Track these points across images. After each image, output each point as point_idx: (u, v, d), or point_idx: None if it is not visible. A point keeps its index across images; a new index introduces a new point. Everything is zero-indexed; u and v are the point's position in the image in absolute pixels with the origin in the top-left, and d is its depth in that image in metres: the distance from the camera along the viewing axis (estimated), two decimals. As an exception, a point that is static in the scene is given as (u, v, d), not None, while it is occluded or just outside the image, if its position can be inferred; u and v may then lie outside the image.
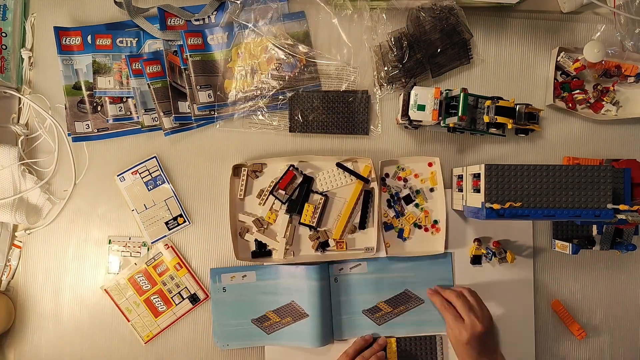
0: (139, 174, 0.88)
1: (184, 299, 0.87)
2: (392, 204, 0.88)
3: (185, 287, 0.87)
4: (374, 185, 0.87)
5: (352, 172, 0.86)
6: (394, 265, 0.88)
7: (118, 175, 0.88)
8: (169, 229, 0.88)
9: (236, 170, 0.87)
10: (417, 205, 0.88)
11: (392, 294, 0.87)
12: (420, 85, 0.82)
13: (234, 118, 0.88)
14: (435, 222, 0.88)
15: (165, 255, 0.87)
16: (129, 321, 0.87)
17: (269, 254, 0.88)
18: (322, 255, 0.87)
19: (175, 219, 0.88)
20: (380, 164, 0.87)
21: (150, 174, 0.88)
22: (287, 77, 0.87)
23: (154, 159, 0.88)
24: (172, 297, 0.87)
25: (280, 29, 0.87)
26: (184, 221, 0.88)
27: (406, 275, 0.88)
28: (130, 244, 0.88)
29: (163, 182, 0.88)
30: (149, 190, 0.88)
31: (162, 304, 0.87)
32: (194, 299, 0.87)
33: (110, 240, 0.88)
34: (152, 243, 0.88)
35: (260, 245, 0.87)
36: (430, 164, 0.89)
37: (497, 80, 0.90)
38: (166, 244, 0.87)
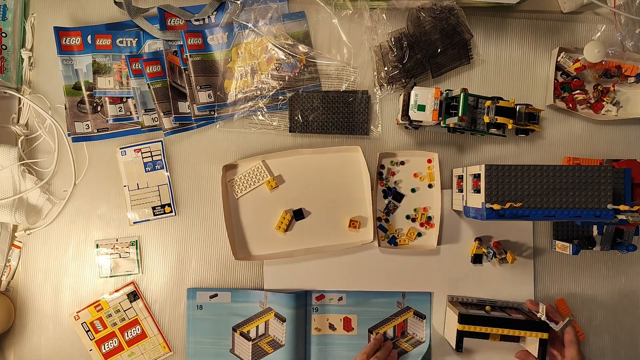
0: (141, 152, 0.88)
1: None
2: (388, 194, 0.88)
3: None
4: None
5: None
6: (374, 300, 0.88)
7: (120, 149, 0.88)
8: (154, 215, 0.88)
9: (228, 169, 0.88)
10: (407, 217, 0.88)
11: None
12: (421, 85, 0.82)
13: (234, 118, 0.88)
14: (429, 218, 0.88)
15: None
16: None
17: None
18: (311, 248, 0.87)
19: (163, 206, 0.88)
20: (379, 156, 0.87)
21: (151, 155, 0.88)
22: (287, 77, 0.87)
23: (160, 142, 0.88)
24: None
25: (280, 29, 0.87)
26: (171, 211, 0.88)
27: (387, 310, 0.88)
28: (118, 245, 0.88)
29: (162, 168, 0.88)
30: (146, 172, 0.88)
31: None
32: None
33: (97, 244, 0.88)
34: (134, 223, 0.88)
35: None
36: (429, 161, 0.89)
37: (498, 80, 0.90)
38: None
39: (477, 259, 0.88)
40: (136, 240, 0.88)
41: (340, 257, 0.88)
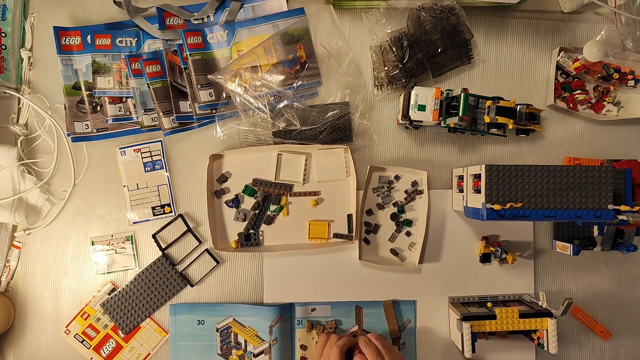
0: (141, 152, 0.88)
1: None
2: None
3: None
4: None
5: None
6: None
7: (120, 149, 0.88)
8: (154, 215, 0.88)
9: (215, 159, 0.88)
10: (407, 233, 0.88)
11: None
12: (421, 85, 0.82)
13: (234, 117, 0.88)
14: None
15: None
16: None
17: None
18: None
19: (162, 206, 0.88)
20: (369, 169, 0.87)
21: (151, 155, 0.88)
22: (287, 75, 0.87)
23: (159, 142, 0.88)
24: None
25: (280, 27, 0.87)
26: (171, 211, 0.88)
27: (369, 320, 0.87)
28: (113, 241, 0.88)
29: (161, 168, 0.88)
30: (145, 172, 0.88)
31: None
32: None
33: (93, 242, 0.88)
34: (134, 223, 0.88)
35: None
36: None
37: (498, 80, 0.90)
38: None
39: (485, 258, 0.87)
40: (131, 235, 0.88)
41: (339, 265, 0.88)
